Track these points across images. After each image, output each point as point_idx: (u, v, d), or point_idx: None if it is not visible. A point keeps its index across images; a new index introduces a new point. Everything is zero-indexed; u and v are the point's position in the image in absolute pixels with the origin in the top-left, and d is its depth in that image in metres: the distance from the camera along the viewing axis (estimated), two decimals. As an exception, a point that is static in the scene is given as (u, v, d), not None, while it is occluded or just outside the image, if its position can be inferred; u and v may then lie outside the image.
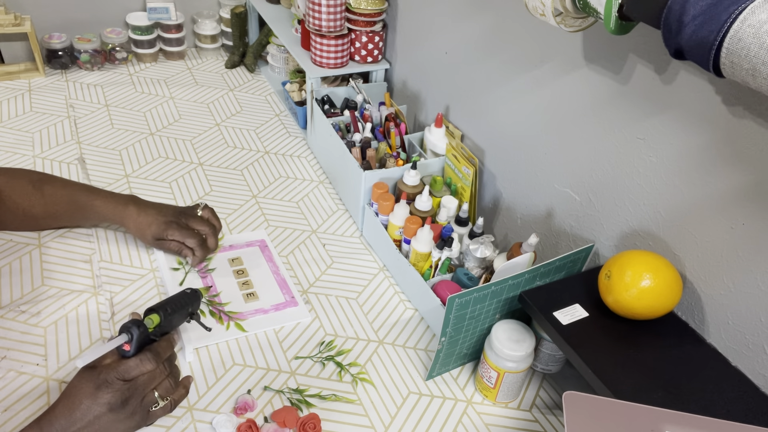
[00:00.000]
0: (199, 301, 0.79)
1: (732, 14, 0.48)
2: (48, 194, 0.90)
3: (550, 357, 0.81)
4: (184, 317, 0.77)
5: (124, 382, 0.65)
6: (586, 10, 0.64)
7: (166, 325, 0.72)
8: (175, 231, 0.91)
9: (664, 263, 0.69)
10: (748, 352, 0.66)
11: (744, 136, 0.61)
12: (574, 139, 0.83)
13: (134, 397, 0.66)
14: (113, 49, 1.46)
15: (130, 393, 0.65)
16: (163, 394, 0.69)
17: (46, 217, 0.92)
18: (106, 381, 0.64)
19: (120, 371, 0.65)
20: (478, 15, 0.98)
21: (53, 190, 0.91)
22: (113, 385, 0.64)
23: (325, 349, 0.85)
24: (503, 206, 1.02)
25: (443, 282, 0.89)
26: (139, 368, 0.66)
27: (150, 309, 0.71)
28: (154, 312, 0.70)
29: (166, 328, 0.72)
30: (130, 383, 0.65)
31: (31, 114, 1.27)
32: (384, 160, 1.06)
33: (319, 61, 1.23)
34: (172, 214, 0.93)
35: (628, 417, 0.51)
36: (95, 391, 0.63)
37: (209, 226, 0.95)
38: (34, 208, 0.90)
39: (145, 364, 0.66)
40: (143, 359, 0.66)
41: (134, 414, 0.66)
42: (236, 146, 1.26)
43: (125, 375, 0.65)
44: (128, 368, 0.66)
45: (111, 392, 0.64)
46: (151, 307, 0.71)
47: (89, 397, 0.63)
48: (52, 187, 0.91)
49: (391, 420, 0.77)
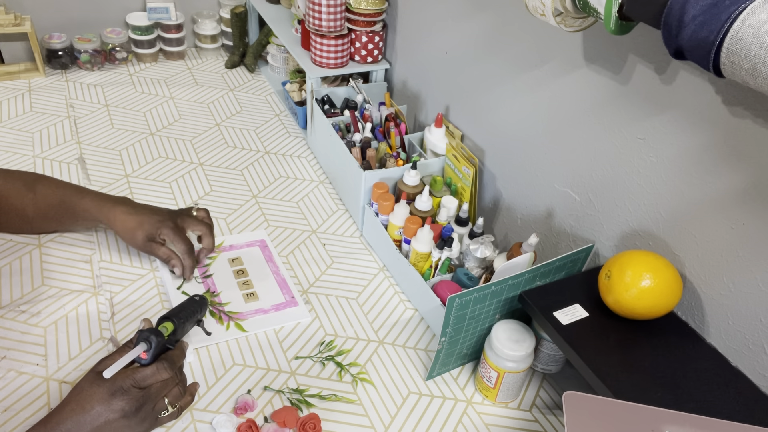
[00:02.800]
0: (206, 307, 0.80)
1: (732, 14, 0.48)
2: (40, 194, 0.89)
3: (550, 357, 0.81)
4: (193, 324, 0.78)
5: (140, 389, 0.65)
6: (586, 10, 0.64)
7: (179, 332, 0.73)
8: (169, 231, 0.88)
9: (664, 263, 0.69)
10: (748, 352, 0.66)
11: (744, 136, 0.61)
12: (574, 139, 0.83)
13: (147, 404, 0.66)
14: (113, 49, 1.46)
15: (144, 400, 0.65)
16: (173, 401, 0.69)
17: (37, 217, 0.91)
18: (121, 388, 0.64)
19: (137, 379, 0.65)
20: (478, 15, 0.98)
21: (45, 189, 0.89)
22: (129, 392, 0.64)
23: (325, 349, 0.85)
24: (503, 206, 1.02)
25: (443, 282, 0.89)
26: (155, 377, 0.66)
27: (164, 317, 0.72)
28: (167, 320, 0.71)
29: (178, 336, 0.73)
30: (145, 391, 0.66)
31: (31, 114, 1.27)
32: (384, 160, 1.06)
33: (319, 61, 1.23)
34: (166, 214, 0.91)
35: (628, 417, 0.51)
36: (109, 397, 0.63)
37: (205, 225, 0.94)
38: (27, 208, 0.89)
39: (161, 373, 0.67)
40: (160, 368, 0.67)
41: (144, 420, 0.66)
42: (236, 146, 1.26)
43: (141, 383, 0.65)
44: (145, 377, 0.66)
45: (126, 400, 0.63)
46: (164, 315, 0.72)
47: (102, 403, 0.63)
48: (45, 187, 0.90)
49: (391, 420, 0.77)
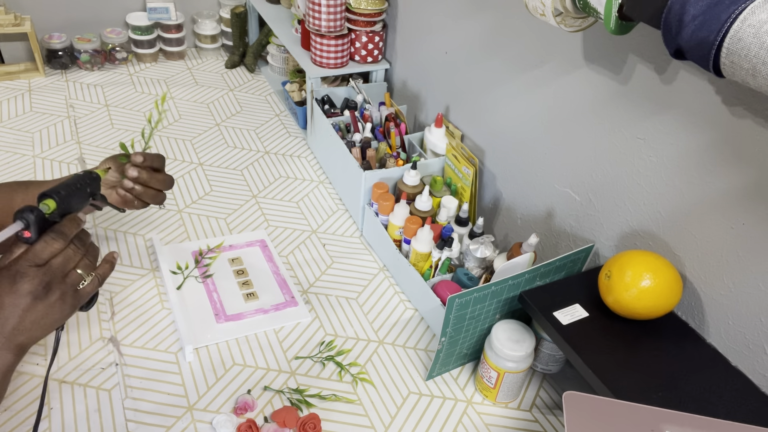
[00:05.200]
0: (96, 182, 0.74)
1: (732, 14, 0.48)
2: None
3: (550, 357, 0.81)
4: (84, 198, 0.72)
5: (38, 267, 0.62)
6: (586, 10, 0.64)
7: (65, 207, 0.67)
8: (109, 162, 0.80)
9: (664, 263, 0.69)
10: (748, 352, 0.66)
11: (744, 136, 0.61)
12: (574, 139, 0.83)
13: (55, 280, 0.63)
14: (113, 49, 1.46)
15: (49, 277, 0.62)
16: (87, 270, 0.66)
17: None
18: (18, 272, 0.61)
19: (29, 258, 0.62)
20: (478, 15, 0.98)
21: None
22: (27, 273, 0.61)
23: (325, 349, 0.85)
24: (503, 206, 1.02)
25: (443, 282, 0.89)
26: (47, 249, 0.63)
27: (42, 194, 0.66)
28: (47, 197, 0.65)
29: (65, 211, 0.68)
30: (45, 267, 0.62)
31: (31, 114, 1.27)
32: (384, 160, 1.06)
33: (319, 61, 1.23)
34: None
35: (628, 417, 0.51)
36: (12, 285, 0.60)
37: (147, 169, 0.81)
38: None
39: (51, 244, 0.63)
40: (47, 239, 0.63)
41: (64, 297, 0.63)
42: (236, 146, 1.26)
43: (36, 260, 0.62)
44: (36, 252, 0.62)
45: (28, 280, 0.61)
46: (43, 192, 0.66)
47: (10, 293, 0.60)
48: None
49: (391, 420, 0.77)
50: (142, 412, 0.75)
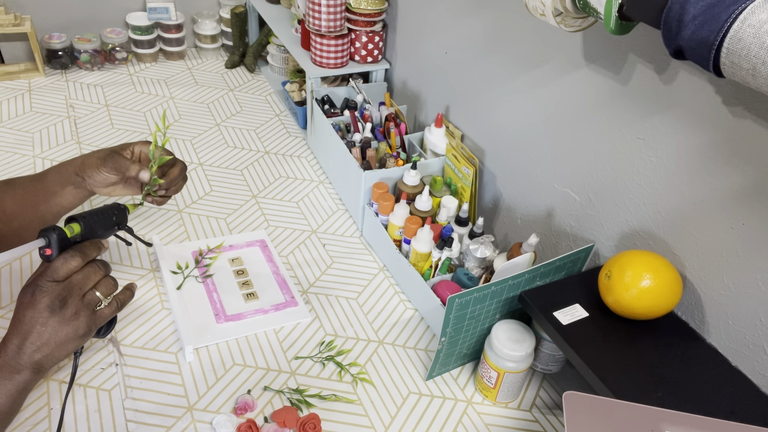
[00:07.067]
0: (124, 214, 0.77)
1: (732, 14, 0.48)
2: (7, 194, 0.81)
3: (550, 357, 0.81)
4: (109, 227, 0.74)
5: (56, 283, 0.64)
6: (586, 10, 0.64)
7: (89, 232, 0.70)
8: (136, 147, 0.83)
9: (664, 263, 0.69)
10: (748, 352, 0.66)
11: (744, 136, 0.61)
12: (574, 139, 0.83)
13: (72, 296, 0.64)
14: (113, 49, 1.46)
15: (66, 292, 0.64)
16: (105, 293, 0.67)
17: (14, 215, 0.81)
18: (38, 286, 0.63)
19: (48, 274, 0.64)
20: (478, 15, 0.98)
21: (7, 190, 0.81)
22: (46, 288, 0.63)
23: (325, 349, 0.85)
24: (503, 206, 1.02)
25: (443, 282, 0.89)
26: (65, 266, 0.64)
27: (70, 218, 0.69)
28: (74, 221, 0.68)
29: (89, 236, 0.70)
30: (64, 283, 0.64)
31: (31, 114, 1.27)
32: (384, 160, 1.06)
33: (319, 61, 1.23)
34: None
35: (628, 417, 0.51)
36: (32, 299, 0.63)
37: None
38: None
39: (69, 261, 0.65)
40: (66, 256, 0.65)
41: (78, 314, 0.65)
42: (236, 146, 1.26)
43: (54, 276, 0.64)
44: (55, 268, 0.64)
45: (46, 295, 0.63)
46: (70, 216, 0.69)
47: (29, 307, 0.63)
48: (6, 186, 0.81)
49: (391, 420, 0.77)
50: (142, 412, 0.75)
